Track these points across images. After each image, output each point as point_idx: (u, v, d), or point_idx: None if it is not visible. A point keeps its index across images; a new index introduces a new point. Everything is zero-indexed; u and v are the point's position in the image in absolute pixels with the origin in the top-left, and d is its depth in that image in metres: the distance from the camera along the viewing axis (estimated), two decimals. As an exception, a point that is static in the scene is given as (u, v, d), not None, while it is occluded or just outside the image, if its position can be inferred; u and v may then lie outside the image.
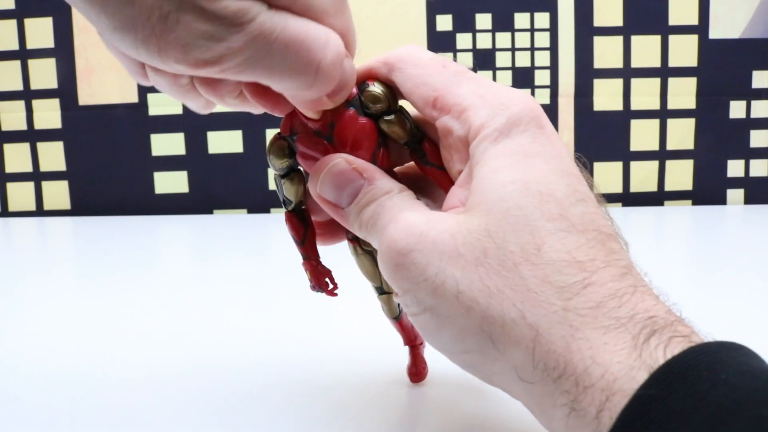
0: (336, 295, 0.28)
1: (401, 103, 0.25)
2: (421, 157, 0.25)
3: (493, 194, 0.21)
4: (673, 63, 0.79)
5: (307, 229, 0.27)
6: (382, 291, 0.28)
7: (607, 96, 0.80)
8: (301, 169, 0.26)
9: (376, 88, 0.24)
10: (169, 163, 0.81)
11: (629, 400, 0.17)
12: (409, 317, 0.23)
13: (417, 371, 0.29)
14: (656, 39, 0.79)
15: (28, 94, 0.81)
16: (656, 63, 0.79)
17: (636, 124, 0.80)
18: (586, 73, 0.79)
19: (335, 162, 0.24)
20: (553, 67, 0.79)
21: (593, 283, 0.19)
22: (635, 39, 0.79)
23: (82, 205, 0.82)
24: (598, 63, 0.79)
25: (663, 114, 0.80)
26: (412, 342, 0.29)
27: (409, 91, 0.24)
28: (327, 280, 0.27)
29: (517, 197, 0.20)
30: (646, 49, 0.79)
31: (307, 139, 0.25)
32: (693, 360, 0.17)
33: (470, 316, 0.20)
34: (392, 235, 0.21)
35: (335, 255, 0.29)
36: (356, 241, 0.27)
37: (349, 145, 0.24)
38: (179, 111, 0.80)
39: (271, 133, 0.80)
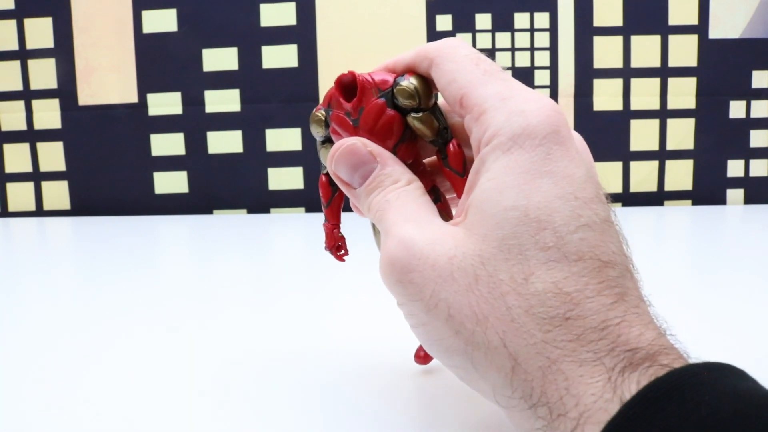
0: (344, 260, 0.29)
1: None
2: (444, 158, 0.25)
3: (492, 219, 0.21)
4: (673, 63, 0.79)
5: (334, 194, 0.28)
6: None
7: (607, 96, 0.80)
8: None
9: (409, 84, 0.24)
10: (169, 163, 0.81)
11: (608, 421, 0.17)
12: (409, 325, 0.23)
13: (425, 354, 0.30)
14: (656, 39, 0.79)
15: (28, 94, 0.81)
16: (656, 63, 0.79)
17: (636, 124, 0.80)
18: (586, 73, 0.79)
19: (352, 143, 0.25)
20: (553, 67, 0.79)
21: (576, 316, 0.19)
22: (635, 39, 0.79)
23: (82, 205, 0.82)
24: (598, 63, 0.79)
25: (663, 114, 0.80)
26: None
27: (443, 87, 0.24)
28: (340, 244, 0.29)
29: (515, 225, 0.20)
30: (646, 49, 0.79)
31: (337, 117, 0.26)
32: (675, 383, 0.17)
33: (457, 338, 0.21)
34: (393, 251, 0.22)
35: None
36: None
37: (371, 132, 0.25)
38: (179, 111, 0.80)
39: (270, 134, 0.81)
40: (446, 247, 0.21)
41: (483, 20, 0.78)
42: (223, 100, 0.80)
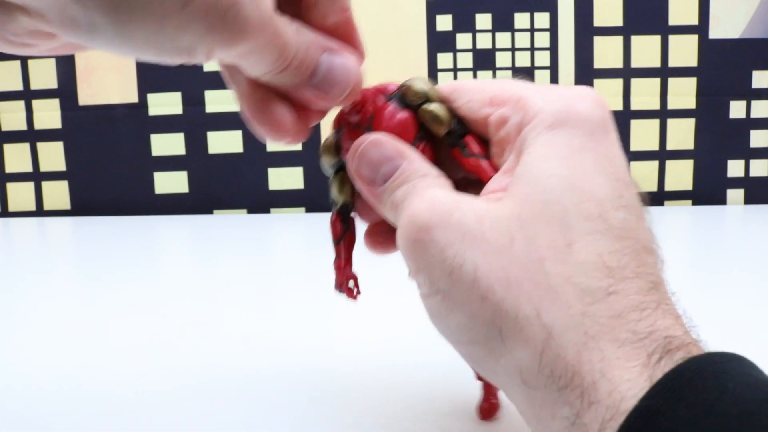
0: (356, 299, 0.27)
1: None
2: (462, 148, 0.24)
3: (535, 184, 0.20)
4: (673, 63, 0.79)
5: (346, 232, 0.26)
6: None
7: (607, 96, 0.79)
8: None
9: (416, 80, 0.24)
10: (169, 163, 0.81)
11: (630, 410, 0.16)
12: (420, 297, 0.21)
13: (488, 407, 0.27)
14: (656, 39, 0.79)
15: (28, 94, 0.81)
16: (656, 63, 0.79)
17: (636, 124, 0.80)
18: (586, 73, 0.79)
19: (376, 137, 0.23)
20: (553, 67, 0.79)
21: (618, 291, 0.18)
22: (635, 39, 0.79)
23: (82, 205, 0.82)
24: (598, 63, 0.79)
25: (663, 114, 0.80)
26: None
27: (466, 100, 0.24)
28: (352, 284, 0.27)
29: (559, 192, 0.19)
30: (646, 49, 0.79)
31: (349, 133, 0.25)
32: (697, 370, 0.16)
33: (483, 305, 0.19)
34: (415, 209, 0.21)
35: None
36: None
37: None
38: (179, 111, 0.80)
39: (271, 133, 0.81)
40: (477, 206, 0.20)
41: (483, 20, 0.78)
42: (223, 100, 0.80)
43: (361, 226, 0.27)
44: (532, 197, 0.20)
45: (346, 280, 0.27)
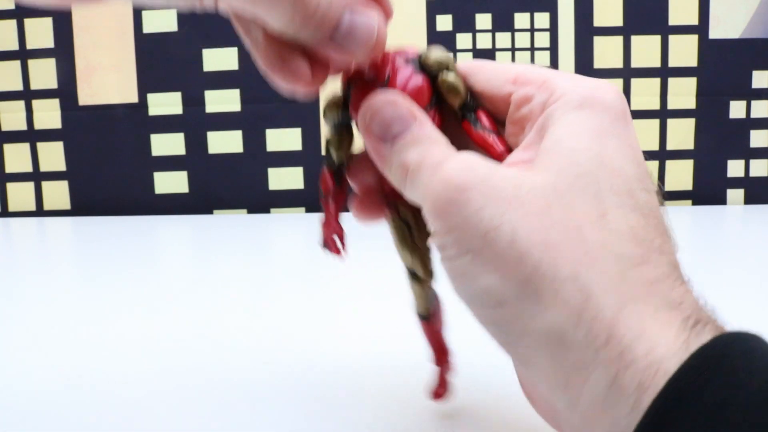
0: (341, 256, 0.26)
1: None
2: (474, 122, 0.24)
3: (566, 157, 0.20)
4: (673, 63, 0.79)
5: (336, 185, 0.26)
6: (414, 275, 0.26)
7: (607, 96, 0.80)
8: (353, 127, 0.26)
9: (436, 49, 0.24)
10: (169, 163, 0.81)
11: (664, 385, 0.16)
12: (441, 261, 0.21)
13: (441, 391, 0.28)
14: (656, 39, 0.79)
15: (28, 94, 0.81)
16: (656, 63, 0.79)
17: (636, 124, 0.79)
18: (586, 73, 0.79)
19: (391, 96, 0.23)
20: (553, 67, 0.79)
21: (650, 261, 0.19)
22: (635, 39, 0.79)
23: (82, 205, 0.82)
24: (598, 63, 0.79)
25: (663, 114, 0.80)
26: (441, 359, 0.27)
27: (485, 78, 0.24)
28: (336, 238, 0.26)
29: (591, 166, 0.20)
30: (646, 49, 0.79)
31: (362, 88, 0.24)
32: (726, 348, 0.17)
33: (520, 265, 0.19)
34: (450, 170, 0.21)
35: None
36: (394, 207, 0.25)
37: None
38: (179, 111, 0.80)
39: (271, 133, 0.81)
40: (511, 173, 0.21)
41: (483, 20, 0.78)
42: (223, 100, 0.80)
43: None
44: (565, 169, 0.20)
45: (332, 235, 0.26)
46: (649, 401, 0.16)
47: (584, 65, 0.79)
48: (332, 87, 0.25)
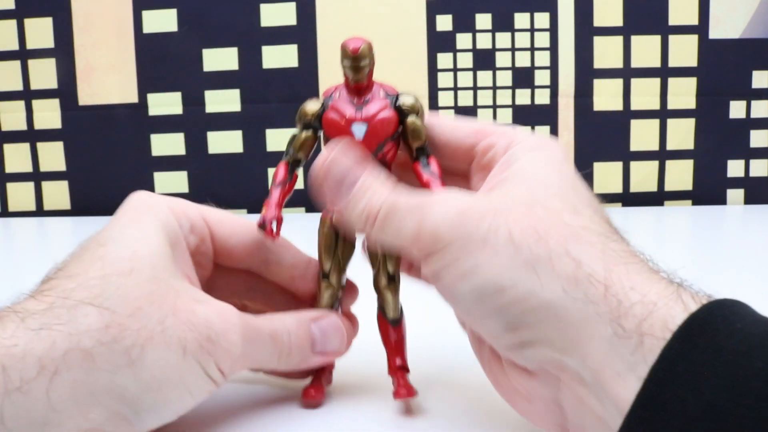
0: (274, 239, 0.29)
1: None
2: (425, 165, 0.28)
3: (532, 178, 0.25)
4: (673, 63, 0.79)
5: (288, 179, 0.29)
6: (326, 276, 0.30)
7: (607, 96, 0.80)
8: (319, 134, 0.29)
9: (413, 98, 0.28)
10: (169, 163, 0.81)
11: (662, 349, 0.19)
12: (440, 270, 0.24)
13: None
14: (656, 39, 0.79)
15: (28, 94, 0.81)
16: (656, 63, 0.79)
17: (636, 124, 0.80)
18: (586, 73, 0.79)
19: (332, 156, 0.26)
20: (553, 67, 0.79)
21: (622, 241, 0.23)
22: (635, 39, 0.79)
23: (82, 205, 0.82)
24: (598, 63, 0.79)
25: (663, 114, 0.80)
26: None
27: (450, 130, 0.28)
28: (274, 222, 0.29)
29: (553, 181, 0.25)
30: (646, 49, 0.79)
31: (340, 100, 0.28)
32: (709, 314, 0.19)
33: (518, 253, 0.22)
34: (445, 204, 0.24)
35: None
36: (330, 217, 0.29)
37: (371, 120, 0.28)
38: (179, 111, 0.80)
39: (271, 133, 0.81)
40: (495, 194, 0.25)
41: (483, 20, 0.79)
42: (223, 100, 0.80)
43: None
44: (534, 184, 0.24)
45: (271, 219, 0.29)
46: (649, 342, 0.19)
47: (584, 65, 0.79)
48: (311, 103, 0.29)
